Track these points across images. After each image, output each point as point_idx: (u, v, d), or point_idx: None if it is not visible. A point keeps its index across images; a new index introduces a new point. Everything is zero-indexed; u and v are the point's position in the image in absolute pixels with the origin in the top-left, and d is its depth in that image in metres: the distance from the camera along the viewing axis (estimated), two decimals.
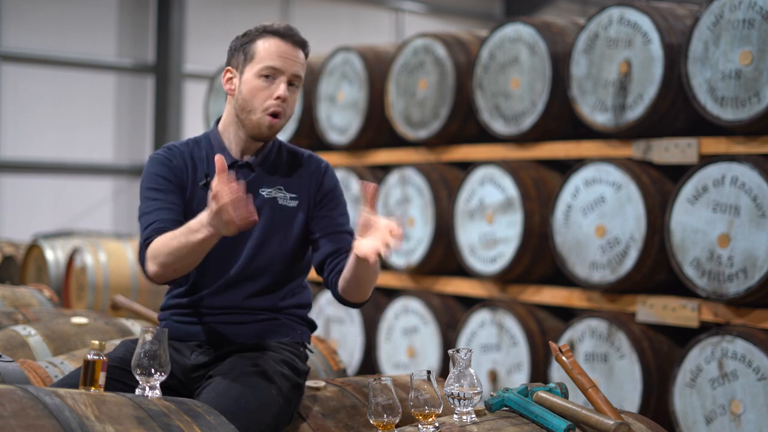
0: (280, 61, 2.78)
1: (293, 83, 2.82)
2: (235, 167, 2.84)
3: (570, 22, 5.25)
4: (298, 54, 2.82)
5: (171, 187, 2.80)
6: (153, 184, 2.80)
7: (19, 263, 7.98)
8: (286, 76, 2.79)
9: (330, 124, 6.17)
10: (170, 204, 2.78)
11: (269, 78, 2.79)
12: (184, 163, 2.85)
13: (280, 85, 2.78)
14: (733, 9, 4.19)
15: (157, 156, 2.86)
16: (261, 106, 2.79)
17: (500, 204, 5.15)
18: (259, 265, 2.82)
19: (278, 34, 2.81)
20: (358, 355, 5.92)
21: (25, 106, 12.00)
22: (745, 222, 4.12)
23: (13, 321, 3.81)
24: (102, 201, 12.65)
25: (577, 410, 2.38)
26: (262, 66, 2.79)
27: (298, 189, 2.89)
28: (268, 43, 2.80)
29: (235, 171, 2.83)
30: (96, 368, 2.33)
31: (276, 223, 2.84)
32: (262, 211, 2.82)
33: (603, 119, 4.71)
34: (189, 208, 2.81)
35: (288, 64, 2.79)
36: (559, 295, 5.00)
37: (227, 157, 2.84)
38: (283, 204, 2.86)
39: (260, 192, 2.84)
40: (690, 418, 4.26)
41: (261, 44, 2.81)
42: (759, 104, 4.11)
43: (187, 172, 2.84)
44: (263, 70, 2.79)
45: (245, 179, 2.82)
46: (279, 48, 2.80)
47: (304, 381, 2.87)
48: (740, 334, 4.11)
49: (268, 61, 2.79)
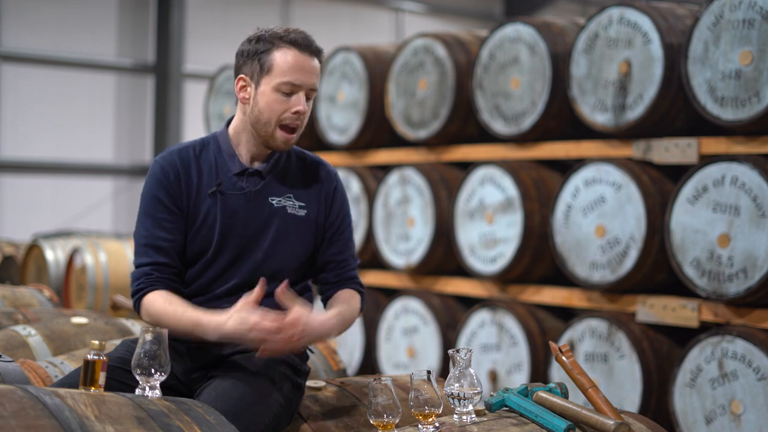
0: (299, 75, 2.74)
1: (309, 96, 2.79)
2: (245, 175, 2.83)
3: (570, 22, 5.25)
4: (315, 65, 2.78)
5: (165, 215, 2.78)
6: (150, 208, 2.79)
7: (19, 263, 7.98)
8: (304, 90, 2.76)
9: (330, 124, 6.17)
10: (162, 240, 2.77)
11: (288, 93, 2.76)
12: (187, 172, 2.81)
13: (300, 99, 2.75)
14: (733, 9, 4.19)
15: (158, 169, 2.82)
16: (277, 119, 2.77)
17: (500, 204, 5.15)
18: (266, 273, 2.82)
19: (296, 44, 2.75)
20: (358, 355, 5.92)
21: (25, 106, 11.99)
22: (745, 222, 4.12)
23: (13, 321, 3.81)
24: (102, 201, 12.64)
25: (577, 410, 2.38)
26: (281, 81, 2.74)
27: (307, 198, 2.88)
28: (286, 56, 2.74)
29: (245, 178, 2.83)
30: (96, 368, 2.33)
31: (285, 232, 2.83)
32: (271, 219, 2.82)
33: (603, 119, 4.71)
34: (194, 217, 2.80)
35: (307, 78, 2.75)
36: (559, 295, 5.00)
37: (237, 164, 2.83)
38: (292, 213, 2.85)
39: (270, 200, 2.84)
40: (690, 418, 4.26)
41: (279, 56, 2.75)
42: (759, 104, 4.11)
43: (189, 182, 2.81)
44: (282, 86, 2.74)
45: (255, 188, 2.82)
46: (297, 61, 2.74)
47: (305, 381, 2.87)
48: (740, 334, 4.11)
49: (287, 77, 2.74)
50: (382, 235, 5.78)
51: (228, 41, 13.41)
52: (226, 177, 2.82)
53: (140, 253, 2.78)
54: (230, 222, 2.80)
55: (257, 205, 2.82)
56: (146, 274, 2.75)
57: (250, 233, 2.81)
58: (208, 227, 2.80)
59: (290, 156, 2.92)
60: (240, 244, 2.80)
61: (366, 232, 5.88)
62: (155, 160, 2.86)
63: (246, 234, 2.80)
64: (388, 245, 5.74)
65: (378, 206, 5.80)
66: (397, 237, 5.69)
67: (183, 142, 2.95)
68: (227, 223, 2.79)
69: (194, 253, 2.81)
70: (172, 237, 2.78)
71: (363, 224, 5.89)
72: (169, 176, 2.80)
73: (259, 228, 2.81)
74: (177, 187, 2.80)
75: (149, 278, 2.74)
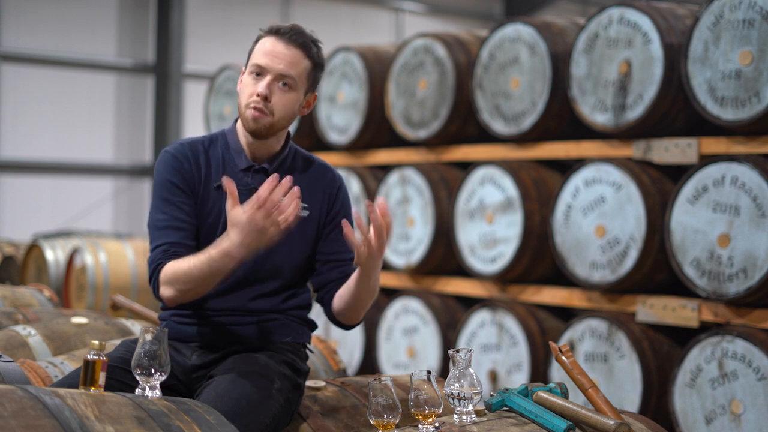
0: (266, 59, 2.77)
1: (284, 83, 2.78)
2: (251, 171, 2.85)
3: (570, 22, 5.25)
4: (291, 53, 2.79)
5: (182, 198, 2.78)
6: (165, 192, 2.79)
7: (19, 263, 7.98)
8: (271, 74, 2.77)
9: (330, 124, 6.17)
10: (181, 221, 2.76)
11: (258, 76, 2.78)
12: (197, 163, 2.83)
13: (261, 81, 2.77)
14: (733, 9, 4.19)
15: (170, 157, 2.83)
16: (246, 101, 2.80)
17: (500, 204, 5.15)
18: (266, 272, 2.82)
19: (277, 33, 2.80)
20: (358, 355, 5.92)
21: (25, 106, 11.99)
22: (745, 222, 4.12)
23: (13, 321, 3.81)
24: (102, 201, 12.64)
25: (577, 410, 2.38)
26: (251, 63, 2.80)
27: (311, 199, 2.88)
28: (265, 43, 2.81)
29: (251, 175, 2.84)
30: (96, 368, 2.33)
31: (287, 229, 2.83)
32: None
33: (603, 119, 4.71)
34: (202, 209, 2.81)
35: (274, 62, 2.77)
36: (559, 295, 5.00)
37: (243, 160, 2.85)
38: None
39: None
40: (690, 418, 4.26)
41: (260, 43, 2.82)
42: (759, 104, 4.11)
43: (199, 173, 2.82)
44: (252, 67, 2.80)
45: (260, 184, 2.81)
46: (271, 46, 2.79)
47: (305, 381, 2.87)
48: (740, 334, 4.11)
49: (255, 59, 2.80)
50: None
51: (228, 41, 13.45)
52: (233, 172, 2.83)
53: (158, 236, 2.75)
54: None
55: None
56: (164, 251, 2.71)
57: None
58: (213, 220, 2.81)
59: (296, 157, 2.93)
60: None
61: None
62: (165, 150, 2.87)
63: None
64: (388, 245, 5.73)
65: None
66: (397, 237, 5.69)
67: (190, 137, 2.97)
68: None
69: (198, 247, 2.81)
70: (190, 219, 2.78)
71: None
72: (182, 164, 2.82)
73: None
74: (189, 174, 2.82)
75: (166, 254, 2.70)
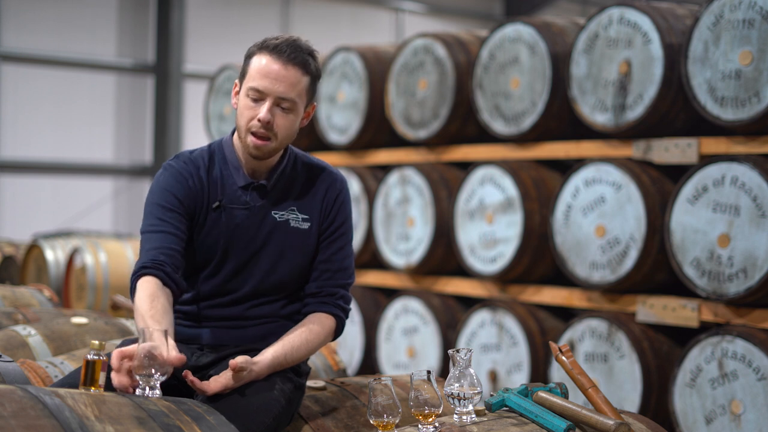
0: (264, 82, 2.67)
1: (285, 106, 2.70)
2: (249, 189, 2.81)
3: (570, 22, 5.25)
4: (289, 74, 2.68)
5: (180, 210, 2.73)
6: (163, 201, 2.73)
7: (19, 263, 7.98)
8: (271, 98, 2.68)
9: (330, 124, 6.17)
10: (174, 230, 2.71)
11: (257, 100, 2.69)
12: (200, 182, 2.78)
13: (263, 107, 2.68)
14: (733, 9, 4.19)
15: (175, 171, 2.78)
16: (246, 126, 2.71)
17: (500, 204, 5.15)
18: (269, 287, 2.82)
19: (274, 50, 2.69)
20: (358, 355, 5.92)
21: (25, 106, 12.00)
22: (745, 222, 4.12)
23: (13, 321, 3.81)
24: (102, 201, 12.64)
25: (577, 410, 2.38)
26: (248, 86, 2.70)
27: (310, 210, 2.85)
28: (260, 60, 2.69)
29: (249, 192, 2.80)
30: (96, 368, 2.33)
31: (287, 246, 2.82)
32: (274, 234, 2.81)
33: (603, 119, 4.71)
34: (201, 230, 2.78)
35: (273, 86, 2.67)
36: (559, 295, 5.00)
37: (242, 177, 2.80)
38: (295, 226, 2.83)
39: (273, 215, 2.82)
40: (690, 418, 4.26)
41: (255, 61, 2.71)
42: (759, 104, 4.11)
43: (201, 193, 2.78)
44: (249, 91, 2.69)
45: (258, 202, 2.80)
46: (267, 67, 2.68)
47: (305, 381, 2.87)
48: (740, 334, 4.11)
49: (252, 81, 2.69)
50: (382, 235, 5.78)
51: (228, 41, 13.45)
52: (231, 190, 2.80)
53: (146, 243, 2.69)
54: (233, 235, 2.79)
55: (260, 220, 2.80)
56: (152, 258, 2.65)
57: (252, 247, 2.80)
58: (212, 239, 2.79)
59: (296, 164, 2.88)
60: (242, 257, 2.80)
61: (366, 232, 5.88)
62: (169, 163, 2.81)
63: (248, 248, 2.80)
64: (388, 245, 5.74)
65: (378, 206, 5.79)
66: (397, 237, 5.69)
67: (187, 150, 2.89)
68: (230, 236, 2.78)
69: (197, 264, 2.80)
70: (181, 226, 2.72)
71: (363, 224, 5.89)
72: (187, 180, 2.77)
73: (261, 242, 2.80)
74: (192, 192, 2.76)
75: (155, 261, 2.64)
